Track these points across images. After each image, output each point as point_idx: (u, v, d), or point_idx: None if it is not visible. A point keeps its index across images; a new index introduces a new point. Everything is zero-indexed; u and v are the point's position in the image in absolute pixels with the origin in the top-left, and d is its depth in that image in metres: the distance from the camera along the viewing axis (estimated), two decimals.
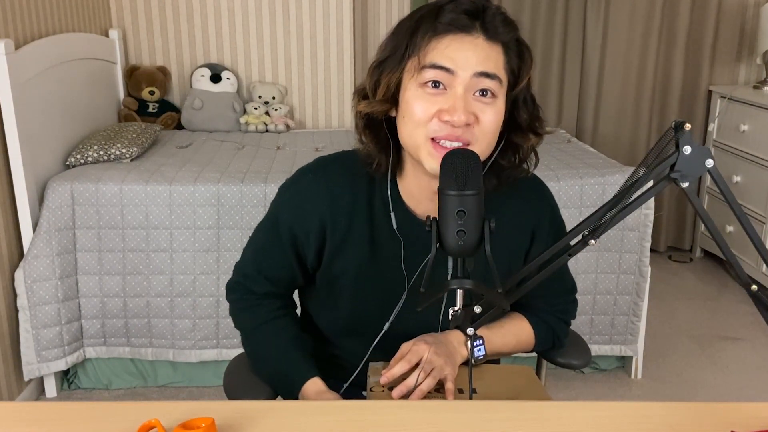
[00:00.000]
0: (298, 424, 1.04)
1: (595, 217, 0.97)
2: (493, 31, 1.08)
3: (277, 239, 1.28)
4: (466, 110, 1.06)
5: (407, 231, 1.23)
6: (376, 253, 1.26)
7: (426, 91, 1.08)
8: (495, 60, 1.09)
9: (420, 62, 1.07)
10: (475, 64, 1.06)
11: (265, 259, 1.31)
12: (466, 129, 1.08)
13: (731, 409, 1.09)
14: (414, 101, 1.09)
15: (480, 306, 1.04)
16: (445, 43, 1.06)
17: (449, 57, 1.06)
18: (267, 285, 1.33)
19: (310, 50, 3.64)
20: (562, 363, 1.46)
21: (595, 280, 2.65)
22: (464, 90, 1.07)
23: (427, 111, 1.08)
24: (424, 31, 1.06)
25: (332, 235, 1.24)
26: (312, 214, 1.24)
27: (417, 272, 1.24)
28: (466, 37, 1.07)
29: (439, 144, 1.09)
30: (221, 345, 2.62)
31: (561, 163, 2.78)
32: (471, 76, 1.07)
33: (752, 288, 0.97)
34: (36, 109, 2.53)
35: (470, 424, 1.04)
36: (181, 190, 2.52)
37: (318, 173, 1.26)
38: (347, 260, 1.26)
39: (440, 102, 1.08)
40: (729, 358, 2.97)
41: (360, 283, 1.27)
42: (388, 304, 1.25)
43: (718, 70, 3.90)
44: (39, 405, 1.11)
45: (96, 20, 3.33)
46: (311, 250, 1.27)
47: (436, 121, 1.08)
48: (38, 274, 2.45)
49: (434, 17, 1.07)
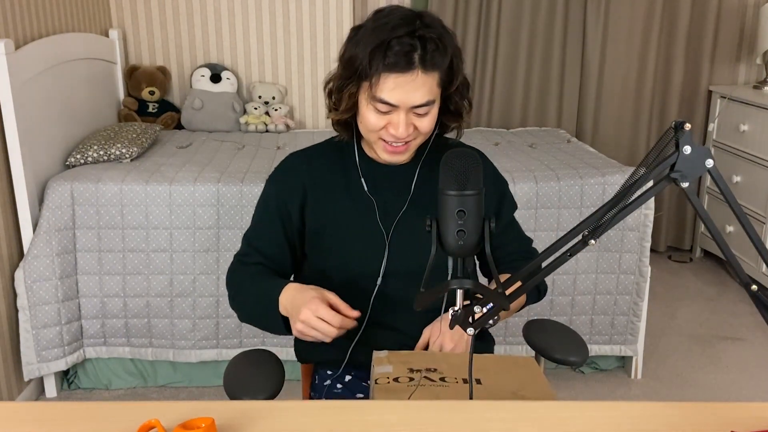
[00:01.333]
0: (298, 424, 1.04)
1: (595, 217, 0.97)
2: (430, 64, 1.29)
3: (266, 211, 1.49)
4: (406, 128, 1.33)
5: (375, 180, 1.46)
6: (354, 208, 1.44)
7: (375, 108, 1.33)
8: (430, 86, 1.31)
9: (372, 92, 1.31)
10: (413, 100, 1.31)
11: (256, 234, 1.51)
12: (408, 135, 1.36)
13: (731, 409, 1.09)
14: (367, 114, 1.35)
15: (480, 305, 1.04)
16: (390, 83, 1.29)
17: (393, 96, 1.30)
18: (257, 256, 1.49)
19: (310, 50, 3.64)
20: (560, 360, 1.46)
21: (595, 280, 2.65)
22: (405, 113, 1.33)
23: (377, 123, 1.35)
24: (375, 67, 1.28)
25: (312, 191, 1.45)
26: (294, 179, 1.47)
27: (393, 226, 1.44)
28: (407, 76, 1.28)
29: (388, 144, 1.37)
30: (221, 345, 2.63)
31: (561, 163, 2.78)
32: (410, 107, 1.32)
33: (752, 288, 0.97)
34: (36, 109, 2.53)
35: (470, 424, 1.04)
36: (181, 190, 2.52)
37: (297, 153, 1.53)
38: (328, 213, 1.45)
39: (387, 118, 1.34)
40: (729, 358, 2.97)
41: (343, 234, 1.44)
42: (374, 258, 1.43)
43: (718, 70, 3.90)
44: (39, 405, 1.11)
45: (96, 20, 3.33)
46: (296, 209, 1.45)
47: (384, 131, 1.35)
48: (38, 274, 2.45)
49: (383, 54, 1.27)
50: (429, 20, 1.31)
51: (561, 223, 2.61)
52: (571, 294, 2.66)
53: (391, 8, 1.35)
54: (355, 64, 1.31)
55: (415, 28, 1.28)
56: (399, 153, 1.39)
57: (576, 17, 3.78)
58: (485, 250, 0.98)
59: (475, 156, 1.02)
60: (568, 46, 3.81)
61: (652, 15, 3.75)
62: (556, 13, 3.74)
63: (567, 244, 1.00)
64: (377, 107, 1.32)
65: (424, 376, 1.24)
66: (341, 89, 1.35)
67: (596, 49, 3.80)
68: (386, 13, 1.32)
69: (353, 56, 1.31)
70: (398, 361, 1.28)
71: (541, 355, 1.50)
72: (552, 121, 3.86)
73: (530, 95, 3.85)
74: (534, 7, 3.73)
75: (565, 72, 3.84)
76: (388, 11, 1.33)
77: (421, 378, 1.23)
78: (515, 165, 2.76)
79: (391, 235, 1.44)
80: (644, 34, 3.79)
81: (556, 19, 3.75)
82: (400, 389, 1.20)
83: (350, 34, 1.36)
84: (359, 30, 1.34)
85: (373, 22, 1.32)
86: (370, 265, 1.43)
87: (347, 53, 1.34)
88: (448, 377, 1.24)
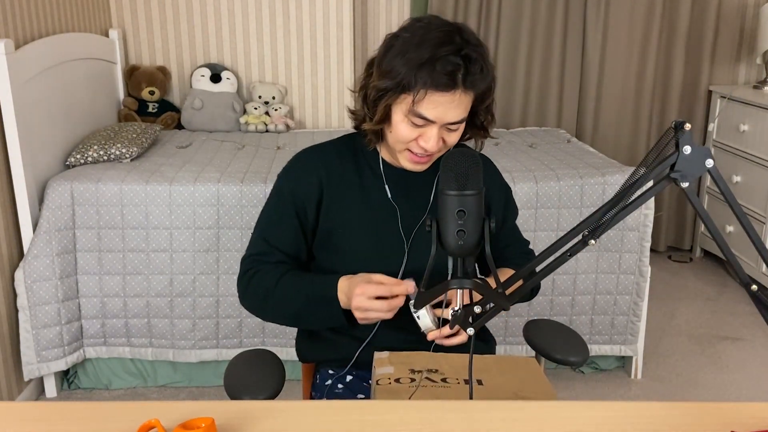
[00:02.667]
0: (298, 424, 1.04)
1: (595, 217, 0.97)
2: (470, 85, 1.31)
3: (282, 207, 1.46)
4: (437, 143, 1.35)
5: (396, 187, 1.47)
6: (372, 212, 1.45)
7: (411, 121, 1.34)
8: (466, 105, 1.34)
9: (412, 105, 1.31)
10: (450, 117, 1.33)
11: (273, 231, 1.47)
12: (437, 149, 1.38)
13: (731, 409, 1.09)
14: (400, 125, 1.35)
15: (480, 305, 1.04)
16: (432, 101, 1.30)
17: (433, 113, 1.31)
18: (278, 254, 1.47)
19: (310, 50, 3.64)
20: (560, 360, 1.46)
21: (595, 280, 2.65)
22: (438, 128, 1.34)
23: (409, 135, 1.36)
24: (422, 82, 1.28)
25: (328, 189, 1.45)
26: (311, 175, 1.46)
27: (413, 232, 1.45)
28: (448, 95, 1.29)
29: (414, 154, 1.39)
30: (221, 345, 2.63)
31: (561, 163, 2.78)
32: (445, 124, 1.34)
33: (752, 288, 0.97)
34: (36, 109, 2.53)
35: (470, 424, 1.04)
36: (181, 190, 2.52)
37: (311, 149, 1.52)
38: (342, 214, 1.45)
39: (419, 131, 1.35)
40: (729, 358, 2.97)
41: (358, 237, 1.44)
42: (392, 263, 1.43)
43: (718, 70, 3.90)
44: (39, 405, 1.11)
45: (96, 20, 3.33)
46: (312, 207, 1.45)
47: (414, 142, 1.37)
48: (38, 274, 2.45)
49: (430, 71, 1.27)
50: (468, 35, 1.32)
51: (561, 223, 2.61)
52: (571, 294, 2.66)
53: (429, 18, 1.35)
54: (396, 77, 1.30)
55: (460, 46, 1.28)
56: (422, 163, 1.41)
57: (576, 17, 3.78)
58: (485, 250, 0.98)
59: (476, 156, 1.03)
60: (568, 46, 3.81)
61: (652, 15, 3.75)
62: (556, 13, 3.74)
63: (567, 244, 1.00)
64: (414, 121, 1.33)
65: (426, 377, 1.24)
66: (379, 100, 1.35)
67: (596, 49, 3.80)
68: (425, 24, 1.32)
69: (394, 69, 1.31)
70: (399, 362, 1.28)
71: (542, 355, 1.51)
72: (552, 121, 3.86)
73: (530, 95, 3.85)
74: (534, 7, 3.73)
75: (565, 72, 3.84)
76: (426, 21, 1.33)
77: (422, 379, 1.23)
78: (515, 165, 2.76)
79: (411, 242, 1.44)
80: (644, 34, 3.79)
81: (556, 19, 3.74)
82: (401, 390, 1.20)
83: (388, 42, 1.35)
84: (397, 39, 1.33)
85: (413, 34, 1.31)
86: (385, 270, 1.41)
87: (386, 64, 1.33)
88: (450, 378, 1.24)
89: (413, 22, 1.35)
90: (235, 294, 2.55)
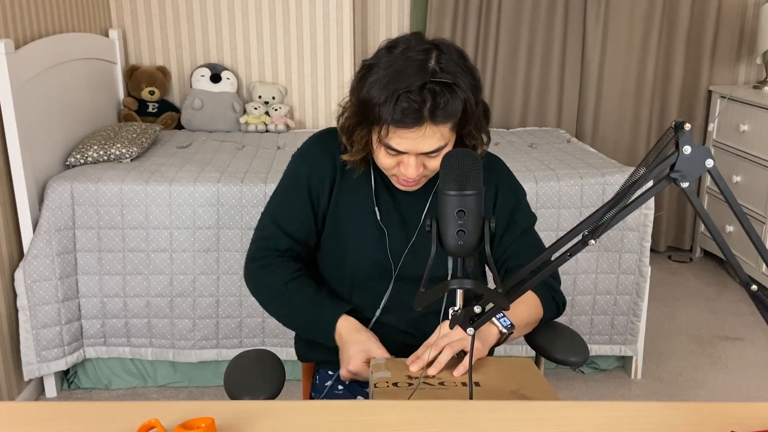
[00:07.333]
0: (298, 424, 1.04)
1: (595, 217, 0.97)
2: (440, 116, 1.25)
3: (296, 191, 1.46)
4: (416, 170, 1.33)
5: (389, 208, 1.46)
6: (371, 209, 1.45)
7: (387, 151, 1.32)
8: (441, 134, 1.28)
9: (381, 139, 1.30)
10: (423, 148, 1.29)
11: (284, 214, 1.47)
12: (418, 175, 1.35)
13: (731, 409, 1.09)
14: (378, 153, 1.35)
15: (481, 306, 1.04)
16: (399, 135, 1.27)
17: (401, 145, 1.29)
18: (287, 240, 1.46)
19: (310, 50, 3.64)
20: (561, 360, 1.46)
21: (595, 280, 2.65)
22: (415, 157, 1.32)
23: (388, 163, 1.35)
24: (385, 119, 1.26)
25: (341, 175, 1.45)
26: (327, 159, 1.45)
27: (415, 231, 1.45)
28: (415, 131, 1.25)
29: (400, 179, 1.38)
30: (221, 345, 2.62)
31: (561, 163, 2.78)
32: (419, 153, 1.31)
33: (752, 288, 0.97)
34: (36, 109, 2.53)
35: (470, 424, 1.04)
36: (181, 190, 2.52)
37: (326, 132, 1.51)
38: (348, 204, 1.45)
39: (398, 159, 1.33)
40: (729, 358, 2.97)
41: (361, 232, 1.44)
42: (388, 260, 1.43)
43: (718, 70, 3.90)
44: (39, 405, 1.11)
45: (96, 20, 3.33)
46: (325, 192, 1.45)
47: (397, 168, 1.35)
48: (38, 274, 2.45)
49: (392, 108, 1.24)
50: (444, 61, 1.25)
51: (561, 223, 2.61)
52: (571, 294, 2.66)
53: (406, 44, 1.29)
54: (365, 110, 1.29)
55: (426, 81, 1.23)
56: (410, 186, 1.40)
57: (576, 17, 3.78)
58: (485, 251, 0.98)
59: (476, 156, 1.03)
60: (568, 46, 3.81)
61: (652, 15, 3.75)
62: (556, 13, 3.74)
63: (567, 244, 1.00)
64: (387, 151, 1.32)
65: (423, 381, 1.24)
66: (352, 132, 1.36)
67: (596, 49, 3.79)
68: (400, 53, 1.27)
69: (365, 100, 1.28)
70: (396, 368, 1.29)
71: (542, 355, 1.50)
72: (552, 121, 3.86)
73: (530, 95, 3.85)
74: (534, 7, 3.73)
75: (565, 72, 3.84)
76: (402, 48, 1.28)
77: (420, 383, 1.23)
78: (515, 165, 2.76)
79: (412, 242, 1.45)
80: (644, 34, 3.79)
81: (556, 19, 3.74)
82: (399, 393, 1.21)
83: (362, 71, 1.32)
84: (371, 69, 1.29)
85: (387, 63, 1.27)
86: (385, 267, 1.45)
87: (360, 95, 1.30)
88: (447, 381, 1.24)
89: (387, 49, 1.30)
90: (236, 294, 2.57)
